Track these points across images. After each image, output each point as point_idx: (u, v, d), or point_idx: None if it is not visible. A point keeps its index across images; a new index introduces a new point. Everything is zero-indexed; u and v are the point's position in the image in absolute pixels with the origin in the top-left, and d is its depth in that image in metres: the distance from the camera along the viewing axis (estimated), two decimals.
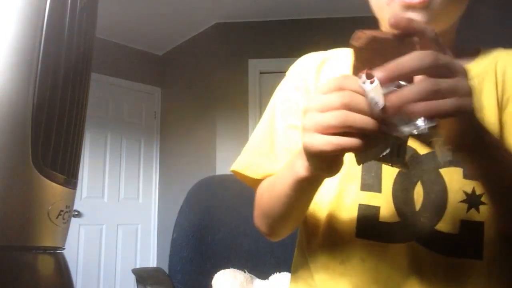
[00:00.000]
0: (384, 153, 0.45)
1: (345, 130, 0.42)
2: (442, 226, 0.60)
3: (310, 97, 0.47)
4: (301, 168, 0.52)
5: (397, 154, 0.47)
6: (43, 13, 0.55)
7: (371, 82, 0.42)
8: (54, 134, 0.58)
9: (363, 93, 0.43)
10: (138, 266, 3.79)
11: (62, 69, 0.58)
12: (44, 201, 0.57)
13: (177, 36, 3.91)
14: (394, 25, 0.44)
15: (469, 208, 0.60)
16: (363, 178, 0.64)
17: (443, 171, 0.61)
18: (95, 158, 3.75)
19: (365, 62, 0.45)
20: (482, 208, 0.59)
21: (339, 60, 0.73)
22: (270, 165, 0.70)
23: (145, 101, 4.12)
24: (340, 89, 0.43)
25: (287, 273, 1.62)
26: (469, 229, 0.59)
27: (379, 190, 0.63)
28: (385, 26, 0.67)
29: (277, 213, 0.64)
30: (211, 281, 1.52)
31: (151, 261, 3.95)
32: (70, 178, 0.62)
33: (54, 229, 0.59)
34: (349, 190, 0.65)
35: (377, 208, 0.62)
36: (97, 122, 3.72)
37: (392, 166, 0.49)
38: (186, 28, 3.75)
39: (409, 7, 0.59)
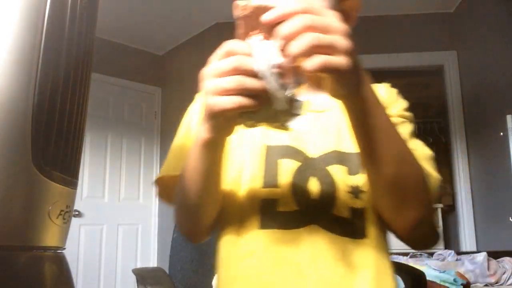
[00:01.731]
0: (273, 113, 0.51)
1: (240, 92, 0.49)
2: (336, 210, 0.70)
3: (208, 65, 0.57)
4: (205, 131, 0.58)
5: (289, 113, 0.52)
6: (43, 13, 0.55)
7: (261, 39, 0.50)
8: (55, 134, 0.58)
9: (251, 55, 0.50)
10: (138, 266, 3.79)
11: (62, 69, 0.58)
12: (44, 201, 0.57)
13: (177, 36, 3.91)
14: None
15: (353, 197, 0.71)
16: (265, 177, 0.73)
17: (330, 168, 0.73)
18: (96, 158, 3.75)
19: (250, 29, 0.53)
20: (363, 195, 0.71)
21: None
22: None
23: (145, 101, 4.12)
24: (231, 53, 0.50)
25: None
26: (355, 214, 0.71)
27: (278, 185, 0.72)
28: None
29: (194, 195, 0.68)
30: (211, 281, 1.52)
31: (151, 261, 3.95)
32: (70, 178, 0.62)
33: (55, 229, 0.59)
34: (251, 188, 0.73)
35: (275, 201, 0.71)
36: (97, 122, 3.72)
37: (276, 128, 0.55)
38: (186, 28, 3.75)
39: None
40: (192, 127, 0.81)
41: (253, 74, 0.49)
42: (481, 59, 3.19)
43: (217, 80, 0.50)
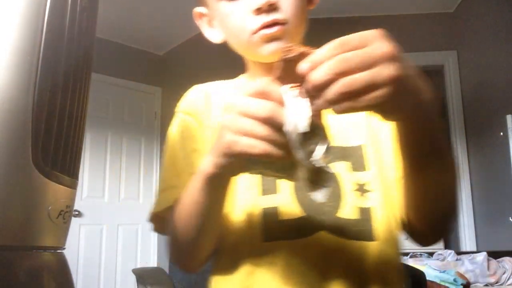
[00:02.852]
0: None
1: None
2: (343, 213, 0.66)
3: (238, 98, 0.49)
4: (209, 165, 0.54)
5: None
6: (43, 13, 0.55)
7: (295, 96, 0.45)
8: (55, 134, 0.58)
9: (283, 104, 0.45)
10: (138, 266, 3.79)
11: (63, 69, 0.58)
12: (44, 201, 0.57)
13: (177, 36, 3.91)
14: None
15: (361, 196, 0.67)
16: (263, 184, 0.68)
17: (333, 165, 0.68)
18: (96, 158, 3.75)
19: (286, 75, 0.47)
20: (368, 195, 0.67)
21: (224, 90, 0.80)
22: (178, 192, 0.67)
23: (145, 101, 4.12)
24: (264, 96, 0.46)
25: None
26: (362, 214, 0.66)
27: (277, 191, 0.67)
28: (250, 56, 0.76)
29: (192, 230, 0.62)
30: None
31: (152, 261, 3.95)
32: (70, 178, 0.62)
33: (55, 229, 0.59)
34: (249, 198, 0.67)
35: (276, 209, 0.66)
36: (97, 122, 3.72)
37: (286, 179, 0.52)
38: (186, 28, 3.75)
39: (270, 38, 0.68)
40: (175, 148, 0.75)
41: (281, 130, 0.45)
42: (481, 59, 3.19)
43: (246, 121, 0.46)
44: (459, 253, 2.52)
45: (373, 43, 0.42)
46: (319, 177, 0.48)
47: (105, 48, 3.65)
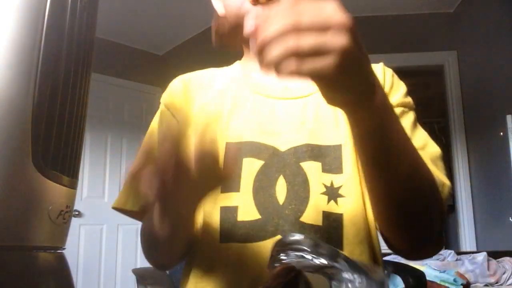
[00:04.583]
0: None
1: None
2: (307, 217, 0.60)
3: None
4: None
5: None
6: (43, 13, 0.55)
7: None
8: (55, 134, 0.58)
9: None
10: (138, 266, 3.79)
11: (62, 69, 0.58)
12: (44, 201, 0.57)
13: (177, 36, 3.91)
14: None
15: (329, 200, 0.61)
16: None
17: (303, 164, 0.62)
18: (96, 158, 3.75)
19: None
20: (340, 200, 0.61)
21: (204, 76, 0.77)
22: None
23: (145, 101, 4.12)
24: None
25: None
26: (330, 221, 0.60)
27: (237, 189, 0.62)
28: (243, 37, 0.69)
29: (162, 237, 0.59)
30: None
31: None
32: (70, 178, 0.62)
33: (55, 229, 0.59)
34: (210, 196, 0.60)
35: (235, 208, 0.61)
36: (97, 122, 3.71)
37: None
38: (186, 28, 3.75)
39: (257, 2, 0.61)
40: (154, 144, 0.72)
41: None
42: (481, 59, 3.19)
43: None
44: (459, 253, 2.52)
45: (330, 11, 0.38)
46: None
47: (105, 48, 3.65)
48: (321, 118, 0.65)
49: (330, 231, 0.60)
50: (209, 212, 0.63)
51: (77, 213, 3.51)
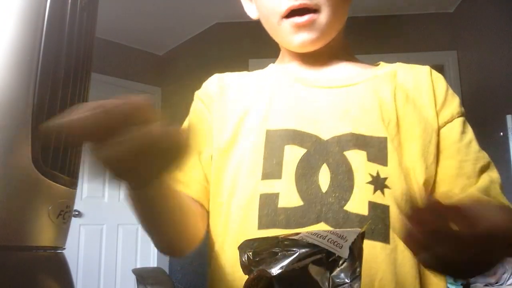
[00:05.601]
0: None
1: None
2: (351, 206, 0.59)
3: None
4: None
5: None
6: (43, 13, 0.55)
7: None
8: (55, 134, 0.58)
9: None
10: (138, 266, 3.79)
11: (62, 69, 0.58)
12: (44, 201, 0.57)
13: (177, 36, 3.91)
14: None
15: (375, 190, 0.60)
16: (264, 167, 0.63)
17: (347, 153, 0.61)
18: None
19: None
20: (386, 191, 0.60)
21: (241, 75, 0.78)
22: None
23: None
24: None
25: None
26: (376, 211, 0.59)
27: (279, 176, 0.62)
28: (280, 43, 0.76)
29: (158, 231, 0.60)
30: None
31: (151, 261, 3.95)
32: (70, 178, 0.62)
33: (54, 229, 0.59)
34: (249, 183, 0.63)
35: (276, 195, 0.61)
36: None
37: None
38: (186, 28, 3.75)
39: (299, 27, 0.65)
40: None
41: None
42: (481, 59, 3.19)
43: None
44: None
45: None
46: None
47: (105, 48, 3.65)
48: (365, 108, 0.65)
49: (376, 221, 0.58)
50: (248, 199, 0.63)
51: (77, 213, 3.51)
